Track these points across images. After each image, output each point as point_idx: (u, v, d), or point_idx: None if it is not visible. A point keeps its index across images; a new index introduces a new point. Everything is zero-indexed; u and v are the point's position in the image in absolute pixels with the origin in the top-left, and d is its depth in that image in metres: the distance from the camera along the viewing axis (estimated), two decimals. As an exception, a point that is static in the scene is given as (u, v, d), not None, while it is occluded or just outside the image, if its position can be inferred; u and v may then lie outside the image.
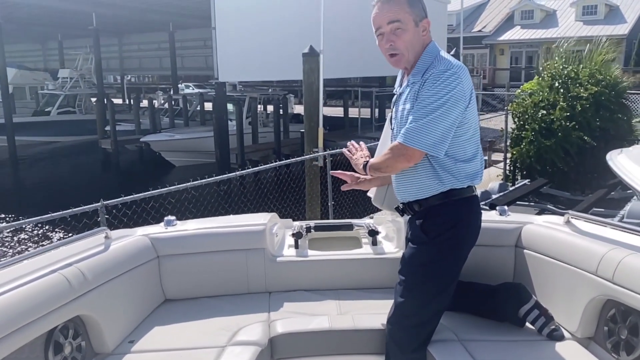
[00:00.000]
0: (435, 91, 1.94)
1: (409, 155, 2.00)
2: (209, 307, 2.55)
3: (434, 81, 1.95)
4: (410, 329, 2.13)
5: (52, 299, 1.98)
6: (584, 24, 32.66)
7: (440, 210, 2.09)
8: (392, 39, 2.04)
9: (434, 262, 2.10)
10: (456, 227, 2.09)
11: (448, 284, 2.14)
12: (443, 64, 1.99)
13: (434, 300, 2.12)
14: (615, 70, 10.12)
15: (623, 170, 5.20)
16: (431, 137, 1.95)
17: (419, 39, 2.06)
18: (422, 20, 2.06)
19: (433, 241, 2.09)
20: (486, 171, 12.10)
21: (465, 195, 2.11)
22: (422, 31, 2.06)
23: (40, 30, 27.65)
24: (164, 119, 22.45)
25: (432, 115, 1.94)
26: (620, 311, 2.08)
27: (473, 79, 25.82)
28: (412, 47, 2.05)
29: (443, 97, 1.93)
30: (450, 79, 1.94)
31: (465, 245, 2.16)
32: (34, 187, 17.48)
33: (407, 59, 2.07)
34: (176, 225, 2.79)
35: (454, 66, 1.98)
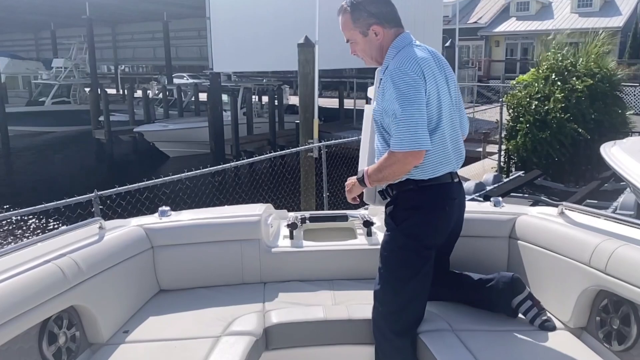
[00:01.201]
0: (392, 92, 2.02)
1: (405, 162, 2.02)
2: (204, 298, 2.55)
3: (389, 83, 2.03)
4: (388, 316, 2.16)
5: (46, 289, 1.97)
6: (579, 15, 32.64)
7: (407, 196, 2.14)
8: (353, 49, 2.24)
9: (401, 248, 2.14)
10: (420, 212, 2.12)
11: (419, 269, 2.14)
12: (395, 62, 2.07)
13: (407, 285, 2.14)
14: (610, 62, 10.13)
15: (616, 162, 5.21)
16: (417, 134, 1.99)
17: (372, 44, 2.18)
18: (369, 29, 2.15)
19: (399, 227, 2.14)
20: (480, 162, 12.14)
21: (435, 183, 2.13)
22: (375, 36, 2.16)
23: (32, 19, 27.36)
24: (158, 109, 22.33)
25: (402, 116, 1.99)
26: (613, 301, 2.09)
27: (468, 71, 25.79)
28: (368, 53, 2.21)
29: (401, 94, 1.99)
30: (399, 76, 2.01)
31: (432, 230, 2.15)
32: (27, 177, 17.39)
33: (368, 60, 2.25)
34: (171, 215, 2.78)
35: (403, 63, 2.03)
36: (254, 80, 22.04)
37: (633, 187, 5.01)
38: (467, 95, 25.83)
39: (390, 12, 2.18)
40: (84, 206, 4.52)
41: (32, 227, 11.27)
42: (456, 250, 2.67)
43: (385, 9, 2.17)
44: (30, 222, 11.44)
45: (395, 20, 2.18)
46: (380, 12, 2.15)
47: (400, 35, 2.17)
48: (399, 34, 2.17)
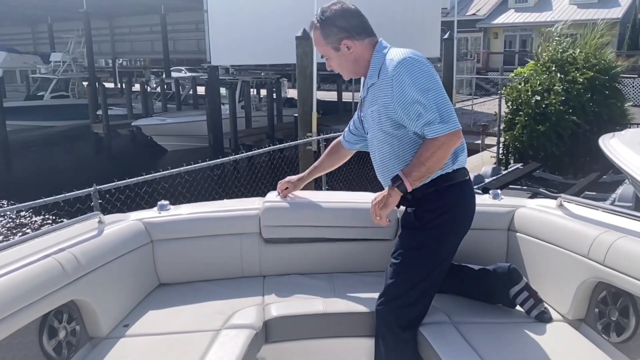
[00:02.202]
0: (409, 82, 1.99)
1: (452, 143, 2.02)
2: (203, 291, 2.55)
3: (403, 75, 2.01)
4: (396, 310, 2.16)
5: (46, 283, 1.97)
6: (578, 7, 32.54)
7: (431, 197, 2.12)
8: (329, 64, 2.26)
9: (423, 247, 2.14)
10: (447, 213, 2.13)
11: (435, 268, 2.17)
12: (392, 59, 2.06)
13: (421, 283, 2.16)
14: (609, 54, 10.11)
15: (615, 154, 5.22)
16: (449, 115, 1.99)
17: (346, 58, 2.18)
18: (340, 43, 2.15)
19: (424, 227, 2.14)
20: (479, 155, 12.14)
21: (456, 181, 2.15)
22: (347, 50, 2.15)
23: (29, 13, 27.23)
24: (156, 103, 22.27)
25: (430, 101, 1.98)
26: (611, 293, 2.10)
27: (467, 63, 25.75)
28: (344, 67, 2.22)
29: (419, 82, 1.99)
30: (410, 65, 2.01)
31: (457, 231, 2.19)
32: (26, 172, 17.37)
33: (345, 74, 2.26)
34: (170, 209, 2.78)
35: (405, 54, 2.05)
36: (252, 74, 21.98)
37: (632, 179, 5.02)
38: (465, 87, 25.85)
39: (360, 24, 2.16)
40: (83, 200, 4.52)
41: (31, 222, 11.27)
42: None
43: (355, 22, 2.15)
44: (29, 217, 11.44)
45: (367, 30, 2.17)
46: (350, 25, 2.13)
47: (377, 42, 2.18)
48: (375, 42, 2.17)
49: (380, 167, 2.25)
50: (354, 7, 2.18)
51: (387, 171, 2.21)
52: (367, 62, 2.16)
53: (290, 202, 2.69)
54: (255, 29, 14.75)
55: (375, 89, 2.13)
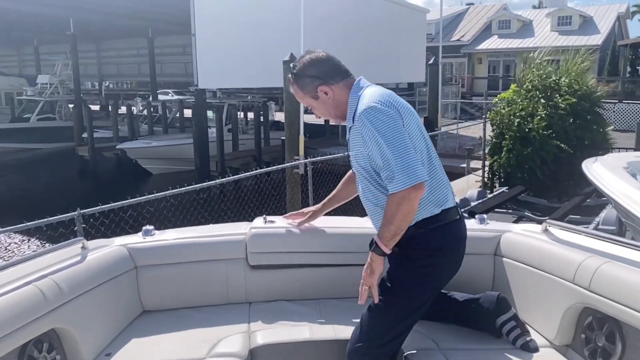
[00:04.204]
0: (371, 133, 2.00)
1: (412, 197, 1.95)
2: (188, 318, 2.51)
3: (366, 124, 2.01)
4: (375, 349, 2.09)
5: (26, 312, 1.93)
6: (559, 34, 33.35)
7: (417, 239, 2.08)
8: (315, 113, 2.28)
9: (414, 283, 2.10)
10: (437, 255, 2.10)
11: (419, 308, 2.14)
12: (362, 103, 2.06)
13: (399, 325, 2.11)
14: (590, 79, 10.31)
15: (598, 178, 5.28)
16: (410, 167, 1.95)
17: (327, 104, 2.19)
18: (317, 91, 2.16)
19: (413, 266, 2.09)
20: (465, 178, 12.22)
21: (442, 223, 2.10)
22: (325, 95, 2.17)
23: (15, 35, 27.20)
24: (142, 125, 22.21)
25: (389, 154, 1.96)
26: (597, 319, 2.10)
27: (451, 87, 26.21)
28: (327, 112, 2.22)
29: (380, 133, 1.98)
30: (373, 115, 2.00)
31: (443, 273, 2.16)
32: (9, 195, 17.11)
33: (332, 119, 2.28)
34: (154, 235, 2.74)
35: (371, 100, 2.03)
36: (239, 97, 22.05)
37: (614, 203, 5.07)
38: (450, 111, 26.18)
39: (331, 68, 2.16)
40: (67, 225, 4.45)
41: (13, 246, 11.06)
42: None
43: (326, 67, 2.16)
44: (10, 241, 11.23)
45: (341, 73, 2.17)
46: (321, 72, 2.15)
47: (354, 82, 2.17)
48: (351, 83, 2.17)
49: (367, 209, 2.24)
50: (322, 54, 2.19)
51: (372, 215, 2.20)
52: (346, 105, 2.16)
53: (277, 229, 2.68)
54: (243, 52, 14.86)
55: (353, 133, 2.12)
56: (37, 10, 19.03)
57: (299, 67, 2.18)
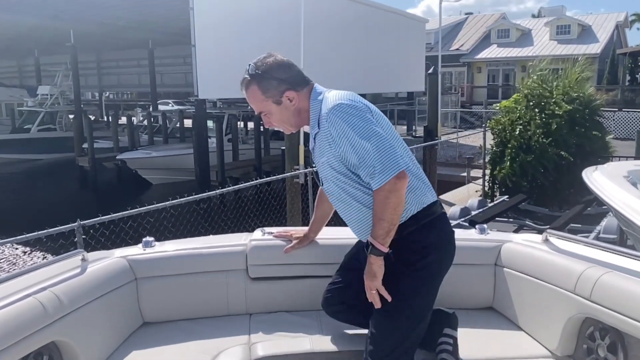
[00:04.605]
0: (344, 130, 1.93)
1: (397, 188, 1.90)
2: (188, 330, 2.50)
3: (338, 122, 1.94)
4: (393, 354, 2.03)
5: (26, 325, 1.92)
6: (558, 42, 33.51)
7: (411, 238, 2.00)
8: (267, 121, 2.13)
9: (414, 292, 2.02)
10: (434, 252, 2.03)
11: (428, 311, 2.09)
12: (326, 104, 1.99)
13: (415, 331, 2.06)
14: (589, 88, 10.35)
15: (598, 187, 5.28)
16: (388, 158, 1.90)
17: (288, 111, 2.08)
18: (282, 96, 2.05)
19: (412, 270, 2.00)
20: (465, 187, 12.23)
21: (432, 217, 2.04)
22: (290, 102, 2.06)
23: (16, 47, 27.34)
24: (142, 136, 22.26)
25: (367, 148, 1.91)
26: (599, 329, 2.10)
27: (451, 97, 26.26)
28: (286, 120, 2.11)
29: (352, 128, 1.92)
30: (341, 111, 1.94)
31: (442, 270, 2.10)
32: (10, 205, 17.12)
33: (291, 128, 2.16)
34: (154, 246, 2.74)
35: (337, 100, 1.98)
36: (239, 107, 22.12)
37: (615, 212, 5.07)
38: (450, 120, 26.23)
39: (298, 74, 2.09)
40: (67, 236, 4.45)
41: (13, 258, 11.04)
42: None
43: (293, 72, 2.07)
44: (10, 253, 11.21)
45: (305, 79, 2.10)
46: (290, 76, 2.06)
47: (313, 88, 2.10)
48: (310, 89, 2.10)
49: (346, 215, 2.14)
50: (287, 59, 2.10)
51: (356, 221, 2.10)
52: (307, 112, 2.08)
53: (277, 240, 2.67)
54: (243, 62, 14.70)
55: (319, 139, 2.05)
56: (38, 22, 19.14)
57: (264, 67, 2.04)
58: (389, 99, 28.67)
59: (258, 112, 2.10)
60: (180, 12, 15.00)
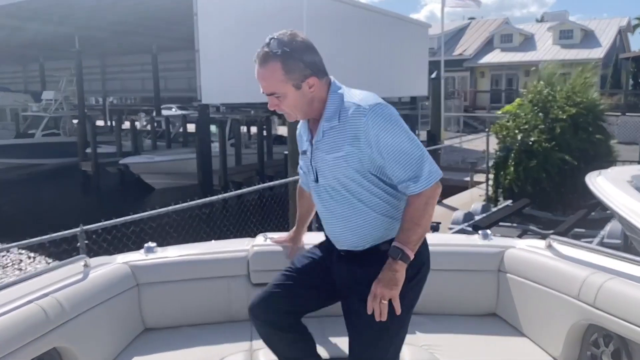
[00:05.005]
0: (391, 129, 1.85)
1: (436, 194, 1.89)
2: (190, 336, 2.49)
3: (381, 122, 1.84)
4: None
5: (28, 331, 1.92)
6: (561, 47, 33.50)
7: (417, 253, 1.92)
8: (275, 103, 1.94)
9: (411, 305, 1.99)
10: (420, 271, 1.99)
11: (407, 323, 2.03)
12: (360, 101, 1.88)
13: (400, 333, 2.01)
14: (593, 92, 10.33)
15: (602, 192, 5.26)
16: (431, 164, 1.87)
17: (304, 98, 1.91)
18: (304, 81, 1.89)
19: (410, 284, 1.92)
20: (468, 192, 12.20)
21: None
22: (309, 89, 1.90)
23: (21, 52, 27.48)
24: (146, 140, 22.30)
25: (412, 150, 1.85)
26: (603, 335, 2.08)
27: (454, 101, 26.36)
28: (299, 107, 1.93)
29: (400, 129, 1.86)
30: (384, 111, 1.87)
31: (423, 284, 2.05)
32: (13, 210, 17.16)
33: (300, 115, 1.99)
34: (156, 252, 2.74)
35: (373, 98, 1.90)
36: (242, 112, 22.15)
37: (619, 217, 5.05)
38: (453, 125, 26.24)
39: (321, 60, 1.94)
40: (69, 241, 4.46)
41: (16, 263, 11.06)
42: (446, 283, 2.66)
43: (318, 58, 1.92)
44: (13, 258, 11.23)
45: (325, 69, 1.96)
46: (314, 61, 1.90)
47: (332, 81, 1.98)
48: (329, 81, 1.97)
49: (335, 217, 2.01)
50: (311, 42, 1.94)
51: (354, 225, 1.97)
52: (321, 104, 1.94)
53: (280, 246, 2.66)
54: (246, 68, 14.74)
55: (335, 133, 1.90)
56: (42, 27, 19.24)
57: (292, 46, 1.86)
58: (392, 104, 28.60)
59: (269, 92, 1.91)
60: (184, 17, 15.07)
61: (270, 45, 1.86)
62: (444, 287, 2.65)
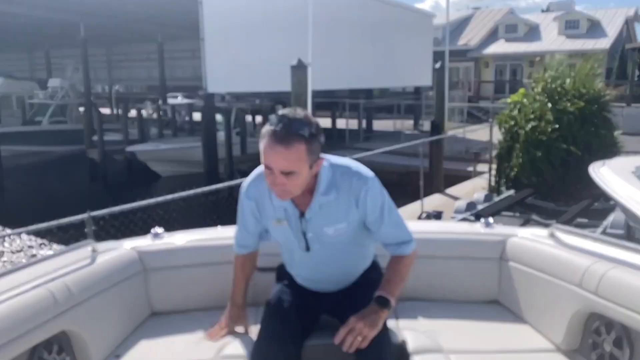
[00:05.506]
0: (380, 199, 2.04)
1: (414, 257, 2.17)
2: (196, 321, 2.53)
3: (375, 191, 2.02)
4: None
5: (37, 314, 1.96)
6: (567, 37, 33.21)
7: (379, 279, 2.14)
8: (284, 182, 1.88)
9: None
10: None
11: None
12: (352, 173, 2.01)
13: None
14: (598, 84, 10.28)
15: (605, 182, 5.28)
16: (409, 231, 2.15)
17: (309, 176, 1.92)
18: (316, 162, 1.90)
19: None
20: (471, 182, 12.21)
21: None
22: (316, 168, 1.94)
23: (26, 40, 27.47)
24: (152, 129, 22.36)
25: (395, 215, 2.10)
26: (604, 324, 2.11)
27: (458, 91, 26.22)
28: (303, 185, 1.93)
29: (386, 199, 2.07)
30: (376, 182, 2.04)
31: None
32: (21, 197, 17.28)
33: (296, 192, 1.96)
34: (164, 237, 2.77)
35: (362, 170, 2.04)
36: (248, 101, 22.15)
37: (622, 207, 5.07)
38: (457, 115, 26.15)
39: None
40: (77, 227, 4.51)
41: (24, 248, 11.16)
42: (448, 271, 2.69)
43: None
44: (22, 243, 11.33)
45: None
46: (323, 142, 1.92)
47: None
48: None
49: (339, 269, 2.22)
50: None
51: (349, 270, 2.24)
52: (314, 178, 1.97)
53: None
54: (251, 57, 14.94)
55: (333, 206, 2.00)
56: (48, 15, 19.23)
57: (315, 128, 1.85)
58: (396, 94, 28.59)
59: (286, 170, 1.84)
60: (189, 5, 15.04)
61: (291, 125, 1.81)
62: (446, 274, 2.68)
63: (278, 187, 1.90)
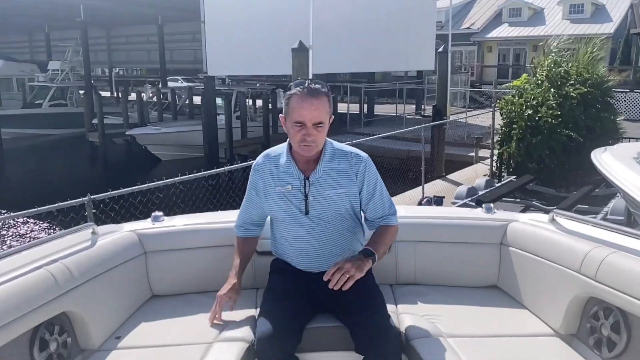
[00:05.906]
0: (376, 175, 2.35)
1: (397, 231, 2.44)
2: (196, 303, 2.54)
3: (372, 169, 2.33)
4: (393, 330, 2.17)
5: (38, 295, 1.97)
6: (571, 22, 32.89)
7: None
8: (314, 135, 2.19)
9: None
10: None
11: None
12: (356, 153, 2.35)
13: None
14: (601, 69, 10.21)
15: (607, 168, 5.26)
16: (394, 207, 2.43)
17: (326, 131, 2.27)
18: (331, 117, 2.25)
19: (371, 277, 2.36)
20: (473, 167, 12.20)
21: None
22: (328, 124, 2.26)
23: (27, 22, 27.30)
24: (152, 112, 22.30)
25: (385, 193, 2.38)
26: (603, 308, 2.12)
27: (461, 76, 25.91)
28: (323, 142, 2.28)
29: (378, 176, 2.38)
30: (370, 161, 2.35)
31: None
32: (21, 180, 17.30)
33: (318, 149, 2.27)
34: (163, 221, 2.78)
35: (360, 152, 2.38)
36: (248, 84, 22.05)
37: (623, 193, 5.06)
38: (459, 100, 26.03)
39: None
40: (77, 210, 4.51)
41: (24, 231, 11.20)
42: (448, 256, 2.69)
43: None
44: (22, 226, 11.37)
45: None
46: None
47: None
48: None
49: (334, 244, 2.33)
50: None
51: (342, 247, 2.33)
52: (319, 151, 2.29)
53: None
54: (252, 40, 14.83)
55: (334, 174, 2.28)
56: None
57: (327, 87, 2.26)
58: (398, 78, 28.44)
59: (318, 121, 2.18)
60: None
61: (315, 85, 2.21)
62: (446, 259, 2.69)
63: (310, 138, 2.18)
